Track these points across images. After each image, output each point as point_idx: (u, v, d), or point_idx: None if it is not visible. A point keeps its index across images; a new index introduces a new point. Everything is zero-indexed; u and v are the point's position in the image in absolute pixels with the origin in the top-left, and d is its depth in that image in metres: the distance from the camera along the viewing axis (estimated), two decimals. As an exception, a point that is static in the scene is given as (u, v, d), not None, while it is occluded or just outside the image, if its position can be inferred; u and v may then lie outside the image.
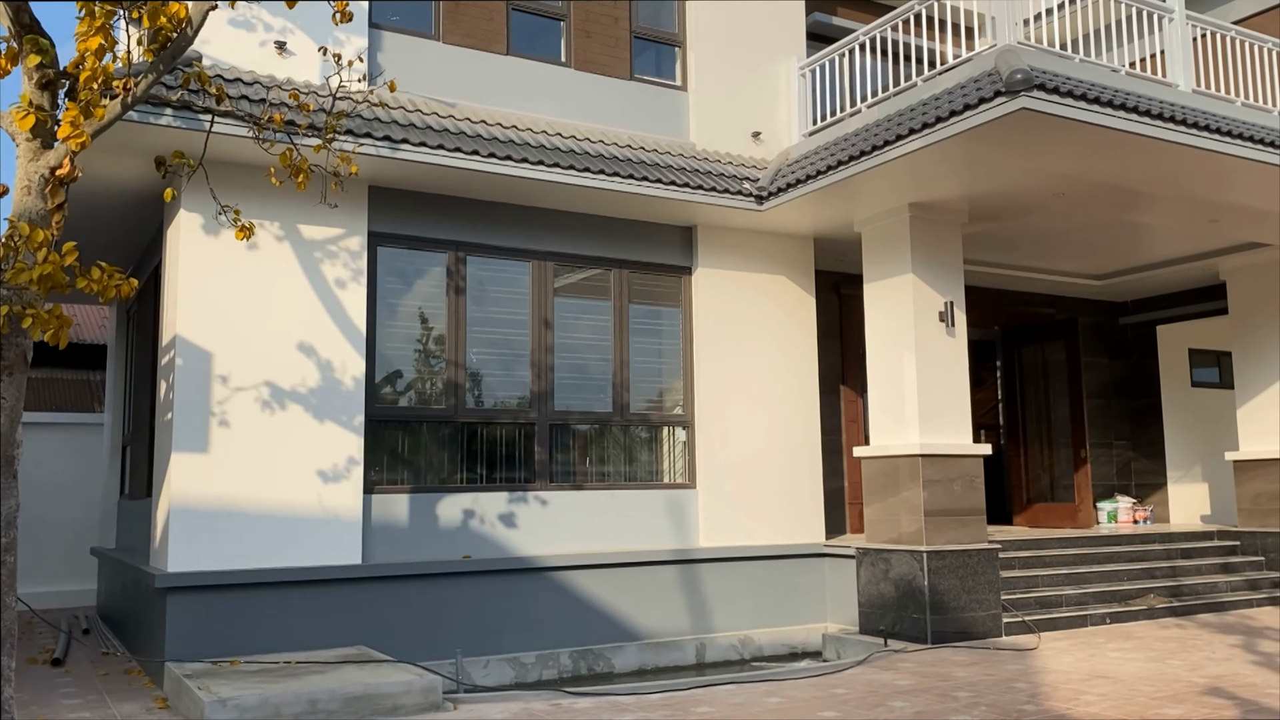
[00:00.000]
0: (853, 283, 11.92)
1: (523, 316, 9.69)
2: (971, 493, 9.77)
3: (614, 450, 10.07)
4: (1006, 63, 7.83)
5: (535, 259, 9.78)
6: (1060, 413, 14.26)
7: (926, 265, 9.90)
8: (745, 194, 9.98)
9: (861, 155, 8.92)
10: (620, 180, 9.23)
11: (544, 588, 9.18)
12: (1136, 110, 8.00)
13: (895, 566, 9.57)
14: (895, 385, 9.91)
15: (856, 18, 13.12)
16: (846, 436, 12.14)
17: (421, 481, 9.06)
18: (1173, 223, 11.00)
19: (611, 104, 10.26)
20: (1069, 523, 13.73)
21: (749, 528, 10.38)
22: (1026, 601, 10.03)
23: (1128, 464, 15.18)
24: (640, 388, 10.24)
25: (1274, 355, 12.51)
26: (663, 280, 10.49)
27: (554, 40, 10.17)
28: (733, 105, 10.84)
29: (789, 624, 10.36)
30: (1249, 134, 8.69)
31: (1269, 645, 8.77)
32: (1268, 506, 12.40)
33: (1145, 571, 11.30)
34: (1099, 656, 8.41)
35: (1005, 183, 9.36)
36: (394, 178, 8.81)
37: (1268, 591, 11.60)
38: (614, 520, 9.82)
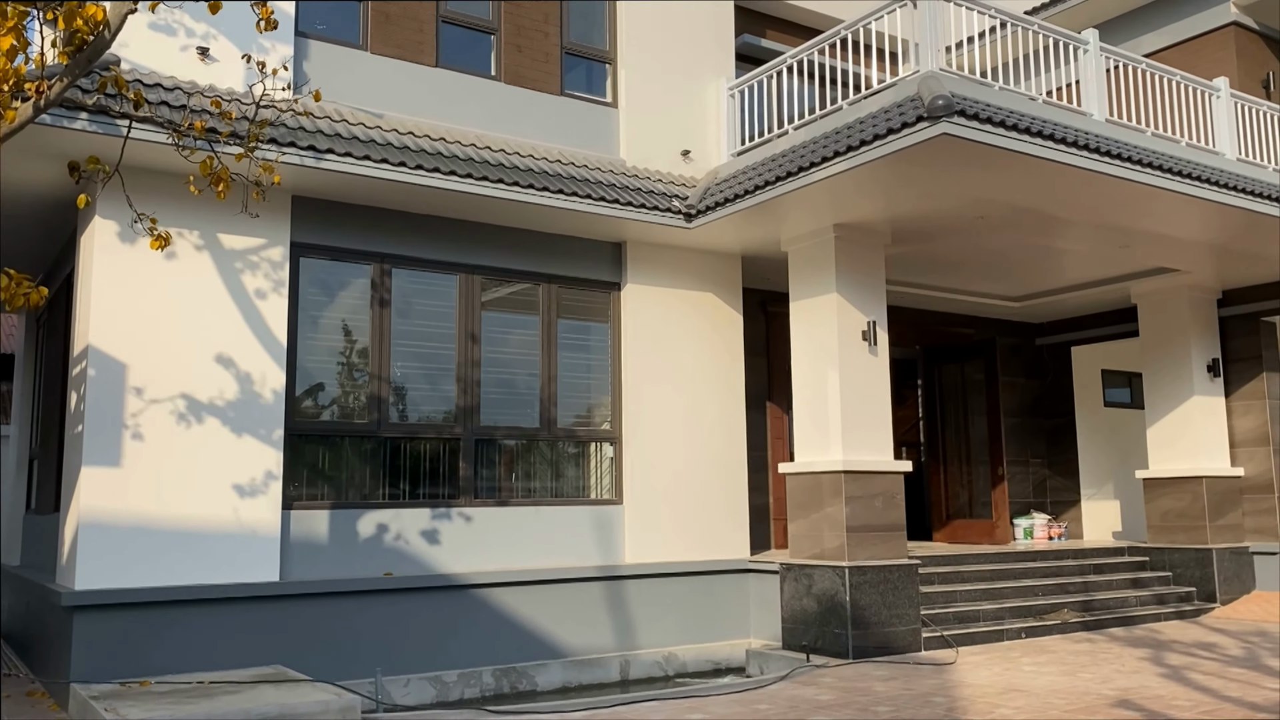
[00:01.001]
0: (779, 301, 12.07)
1: (449, 330, 9.61)
2: (893, 509, 9.93)
3: (541, 466, 10.02)
4: (929, 89, 8.01)
5: (462, 272, 9.71)
6: (979, 431, 14.59)
7: (850, 285, 10.06)
8: (674, 211, 10.04)
9: (788, 176, 9.04)
10: (549, 195, 9.22)
11: (467, 605, 9.08)
12: (1052, 138, 8.25)
13: (818, 582, 9.67)
14: (819, 402, 10.04)
15: (785, 40, 13.33)
16: (772, 452, 12.25)
17: (343, 497, 8.91)
18: (1087, 247, 11.34)
19: (542, 118, 10.25)
20: (987, 539, 14.04)
21: (675, 544, 10.40)
22: (945, 616, 10.20)
23: (1043, 481, 15.57)
24: (568, 403, 10.21)
25: (1182, 376, 12.96)
26: (592, 296, 10.50)
27: (484, 53, 10.14)
28: (663, 123, 10.91)
29: (713, 640, 10.39)
30: (1158, 163, 9.01)
31: (1175, 658, 9.05)
32: (1176, 523, 12.82)
33: (1059, 587, 11.59)
34: (1014, 670, 8.59)
35: (927, 205, 9.57)
36: (319, 188, 8.68)
37: (1175, 606, 11.97)
38: (540, 537, 9.77)
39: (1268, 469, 12.77)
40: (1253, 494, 12.90)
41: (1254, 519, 12.87)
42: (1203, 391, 12.88)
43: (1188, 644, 9.86)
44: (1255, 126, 11.30)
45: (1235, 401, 13.11)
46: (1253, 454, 12.92)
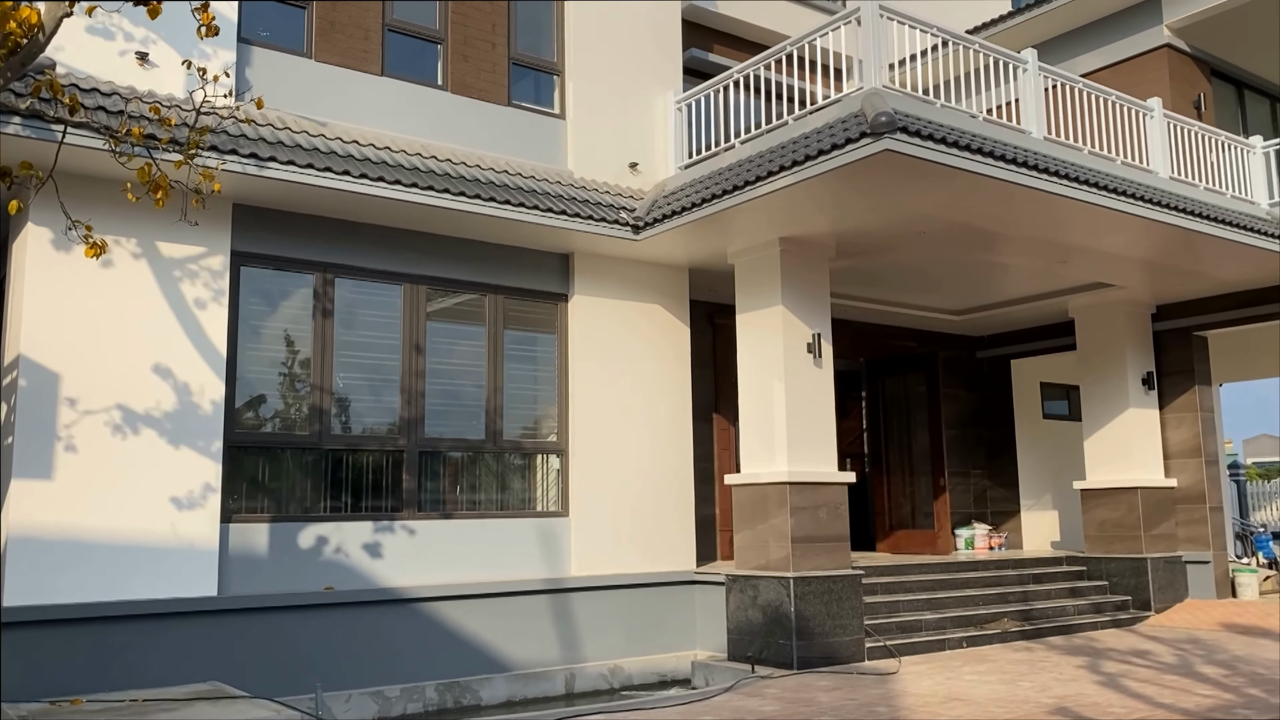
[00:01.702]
0: (726, 313, 12.13)
1: (393, 341, 9.52)
2: (837, 520, 10.01)
3: (486, 478, 9.96)
4: (872, 105, 8.12)
5: (407, 282, 9.63)
6: (921, 442, 14.79)
7: (796, 298, 10.15)
8: (622, 223, 10.06)
9: (734, 190, 9.10)
10: (496, 206, 9.18)
11: (410, 619, 8.98)
12: (992, 155, 8.40)
13: (763, 593, 9.72)
14: (765, 414, 10.10)
15: (732, 55, 13.45)
16: (719, 464, 12.30)
17: (283, 510, 8.77)
18: (1026, 262, 11.56)
19: (488, 129, 10.22)
20: (929, 549, 14.21)
21: (621, 556, 10.39)
22: (888, 626, 10.31)
23: (984, 492, 15.81)
24: (514, 415, 10.17)
25: (1118, 389, 13.26)
26: (539, 307, 10.47)
27: (431, 63, 10.09)
28: (611, 135, 10.93)
29: (659, 652, 10.39)
30: (1094, 180, 9.22)
31: (1112, 666, 9.22)
32: (1112, 533, 13.08)
33: (1000, 596, 11.76)
34: (955, 680, 8.70)
35: (870, 220, 9.69)
36: (261, 196, 8.56)
37: (1111, 614, 12.21)
38: (484, 549, 9.70)
39: (1199, 480, 13.10)
40: (1185, 504, 13.21)
41: (1186, 529, 13.19)
42: (1138, 404, 13.19)
43: (1124, 652, 10.06)
44: (1187, 146, 11.61)
45: (1169, 414, 13.44)
46: (1185, 465, 13.25)
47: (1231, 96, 14.96)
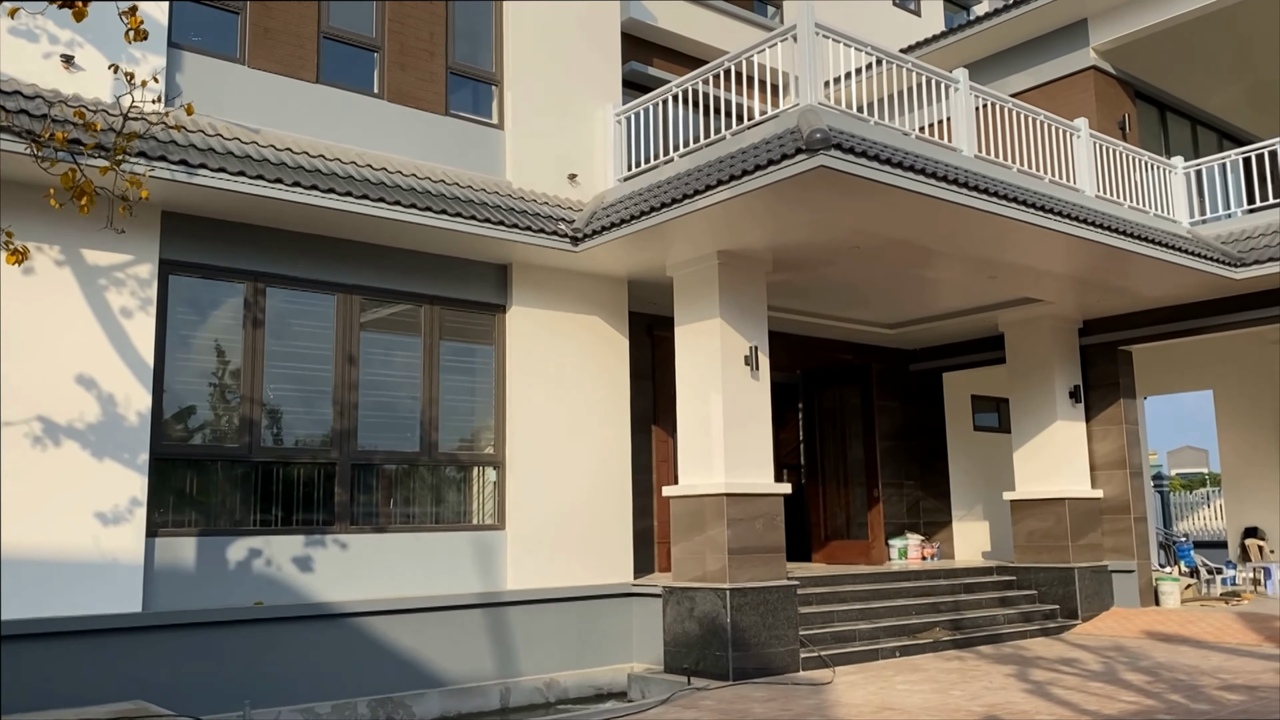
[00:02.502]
0: (665, 325, 12.17)
1: (326, 352, 9.39)
2: (773, 531, 10.08)
3: (421, 491, 9.85)
4: (808, 122, 8.23)
5: (341, 292, 9.51)
6: (856, 454, 14.96)
7: (733, 310, 10.22)
8: (561, 234, 10.04)
9: (673, 203, 9.14)
10: (433, 215, 9.11)
11: (342, 634, 8.84)
12: (924, 172, 8.55)
13: (700, 605, 9.74)
14: (703, 426, 10.15)
15: (671, 69, 13.53)
16: (657, 476, 12.31)
17: (212, 524, 8.58)
18: (957, 278, 11.78)
19: (426, 138, 10.14)
20: (863, 559, 14.37)
21: (558, 569, 10.34)
22: (823, 636, 10.39)
23: (917, 503, 16.04)
24: (450, 427, 10.08)
25: (1046, 402, 13.55)
26: (476, 318, 10.40)
27: (367, 71, 9.99)
28: (550, 146, 10.92)
29: (596, 665, 10.35)
30: (1022, 198, 9.43)
31: (1040, 674, 9.40)
32: (1041, 543, 13.35)
33: (932, 606, 11.93)
34: (888, 689, 8.80)
35: (806, 235, 9.80)
36: (191, 204, 8.39)
37: (1040, 623, 12.46)
38: (419, 563, 9.59)
39: (1124, 491, 13.43)
40: (1111, 515, 13.54)
41: (1112, 539, 13.51)
42: (1065, 417, 13.49)
43: (1051, 660, 10.26)
44: (1112, 166, 11.94)
45: (1095, 426, 13.77)
46: (1111, 476, 13.58)
47: (1155, 118, 15.43)
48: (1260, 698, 7.95)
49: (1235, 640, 11.23)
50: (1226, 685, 8.52)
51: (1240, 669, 9.36)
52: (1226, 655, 10.27)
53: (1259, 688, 8.38)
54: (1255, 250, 11.63)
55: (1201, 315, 12.81)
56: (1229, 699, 7.91)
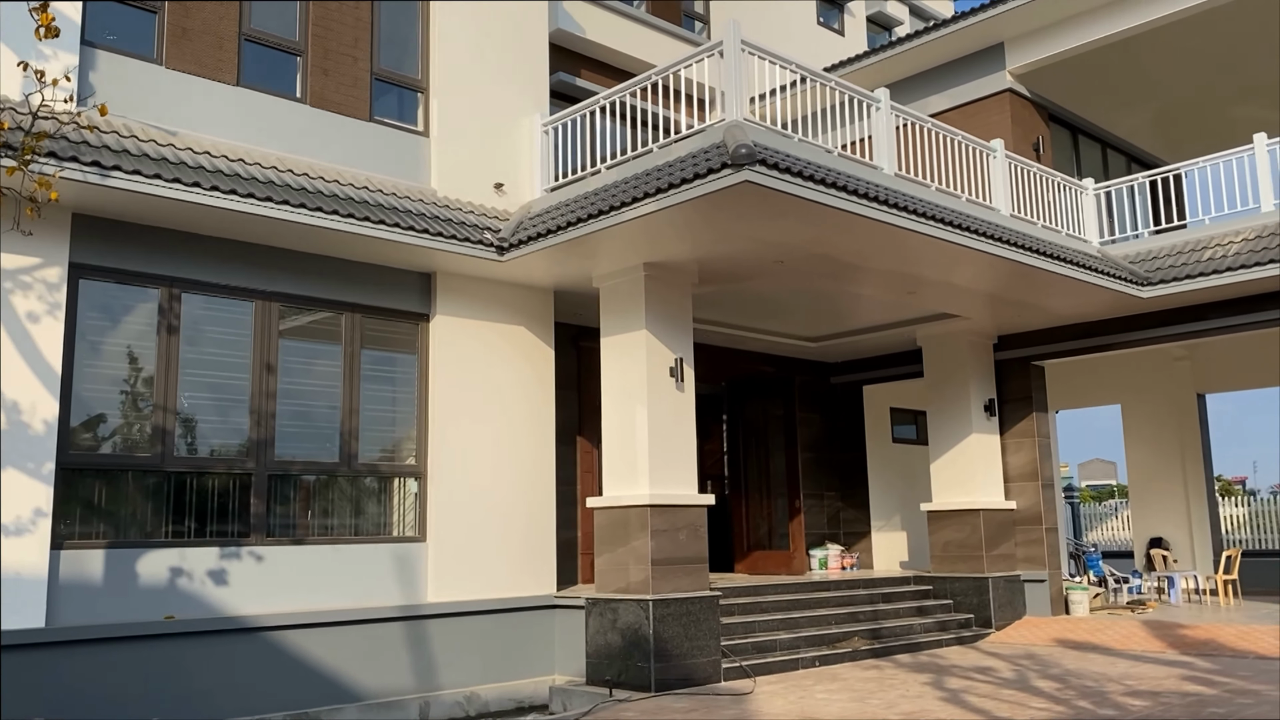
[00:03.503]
0: (591, 336, 12.17)
1: (243, 359, 9.19)
2: (696, 542, 10.13)
3: (340, 502, 9.69)
4: (733, 137, 8.32)
5: (259, 299, 9.32)
6: (778, 465, 15.13)
7: (659, 322, 10.27)
8: (486, 244, 9.99)
9: (599, 214, 9.16)
10: (355, 222, 8.99)
11: (257, 648, 8.64)
12: (845, 189, 8.71)
13: (623, 616, 9.74)
14: (628, 437, 10.16)
15: (599, 81, 13.58)
16: (582, 487, 12.30)
17: (122, 536, 8.33)
18: (877, 292, 12.00)
19: (349, 144, 10.01)
20: (785, 569, 14.53)
21: (480, 581, 10.25)
22: (745, 646, 10.47)
23: (837, 514, 16.28)
24: (371, 437, 9.93)
25: (962, 415, 13.87)
26: (399, 326, 10.28)
27: (290, 75, 9.83)
28: (476, 155, 10.85)
29: (517, 678, 10.28)
30: (939, 216, 9.66)
31: (955, 682, 9.60)
32: (956, 553, 13.65)
33: (851, 615, 12.10)
34: (808, 698, 8.90)
35: (731, 248, 9.90)
36: (103, 206, 8.15)
37: (955, 632, 12.72)
38: (337, 576, 9.42)
39: (1036, 502, 13.80)
40: (1024, 525, 13.89)
41: (1025, 549, 13.86)
42: (980, 430, 13.82)
43: (966, 668, 10.49)
44: (1027, 186, 12.30)
45: (1009, 439, 14.13)
46: (1024, 488, 13.94)
47: (1067, 140, 15.93)
48: (1163, 703, 8.22)
49: (1140, 647, 11.60)
50: (1131, 691, 8.79)
51: (1145, 675, 9.67)
52: (1132, 662, 10.60)
53: (1162, 693, 8.68)
54: (1161, 270, 12.07)
55: (1110, 332, 13.24)
56: (1133, 704, 8.17)
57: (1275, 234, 11.49)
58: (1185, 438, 17.97)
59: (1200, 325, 12.46)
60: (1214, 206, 12.39)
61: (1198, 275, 11.56)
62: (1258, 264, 11.08)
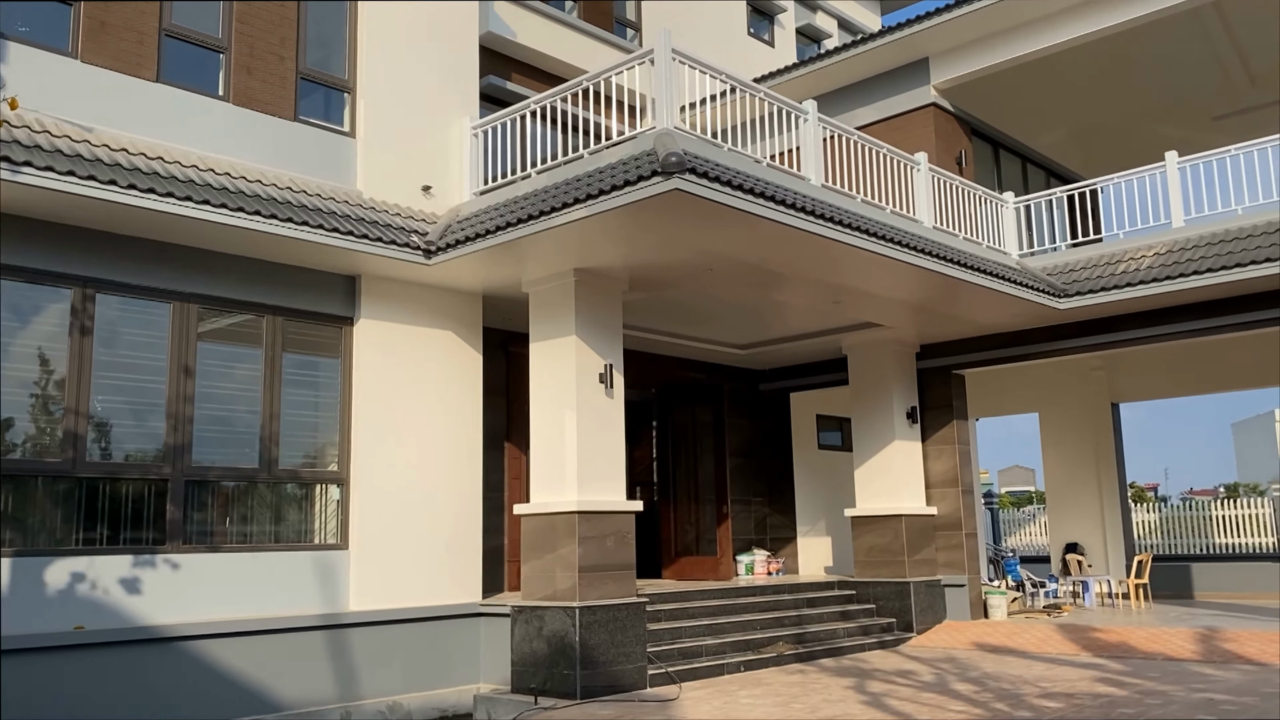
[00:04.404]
0: (520, 341, 12.11)
1: (160, 362, 8.95)
2: (624, 548, 10.13)
3: (260, 509, 9.49)
4: (664, 145, 8.36)
5: (177, 300, 9.09)
6: (707, 471, 15.21)
7: (589, 328, 10.26)
8: (413, 247, 9.88)
9: (529, 219, 9.12)
10: (277, 223, 8.82)
11: (172, 659, 8.41)
12: (773, 199, 8.80)
13: (549, 623, 9.70)
14: (556, 443, 10.13)
15: (530, 85, 13.53)
16: (509, 493, 12.22)
17: (30, 543, 8.04)
18: (804, 301, 12.15)
19: (273, 144, 9.82)
20: (712, 575, 14.60)
21: (404, 588, 10.11)
22: (671, 652, 10.50)
23: (764, 519, 16.42)
24: (292, 442, 9.75)
25: (885, 423, 14.10)
26: (322, 330, 10.11)
27: (212, 72, 9.61)
28: (404, 157, 10.73)
29: (441, 686, 10.16)
30: (865, 227, 9.81)
31: (877, 686, 9.74)
32: (880, 558, 13.86)
33: (776, 620, 12.21)
34: (732, 704, 8.95)
35: (661, 255, 9.93)
36: (14, 203, 7.88)
37: (878, 636, 12.91)
38: (257, 584, 9.22)
39: (956, 508, 14.08)
40: (944, 531, 14.16)
41: (945, 554, 14.13)
42: (903, 436, 14.06)
43: (888, 672, 10.65)
44: (949, 198, 12.56)
45: (930, 446, 14.40)
46: (945, 494, 14.21)
47: (989, 155, 16.31)
48: (1076, 704, 8.44)
49: (1056, 650, 11.90)
50: (1046, 693, 9.01)
51: (1059, 677, 9.92)
52: (1048, 665, 10.87)
53: (1075, 695, 8.91)
54: (1077, 282, 12.42)
55: (1029, 343, 13.58)
56: (1048, 706, 8.37)
57: (1185, 249, 11.91)
58: (1100, 445, 18.50)
59: (1114, 336, 12.84)
60: (1128, 221, 12.79)
61: (1112, 288, 11.92)
62: (1169, 278, 11.47)
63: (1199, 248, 11.75)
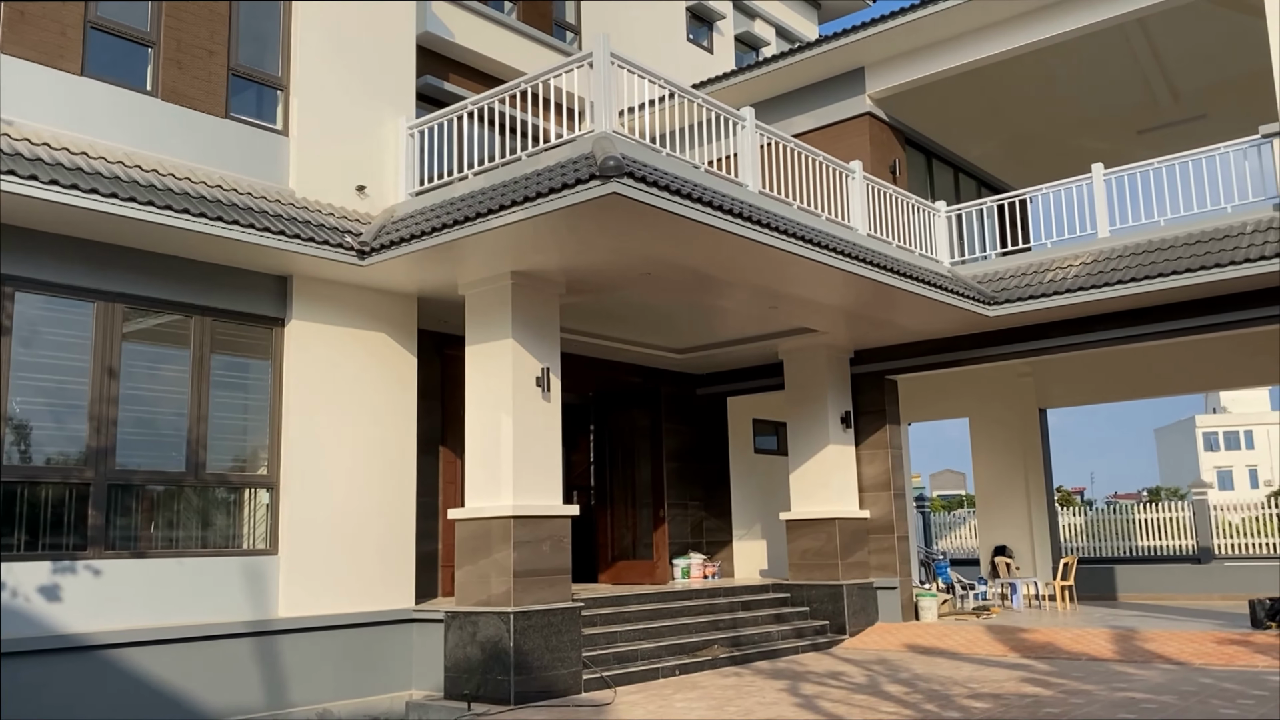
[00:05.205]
0: (456, 344, 12.01)
1: (83, 363, 8.70)
2: (560, 553, 10.09)
3: (186, 513, 9.27)
4: (602, 149, 8.35)
5: (102, 300, 8.85)
6: (644, 475, 15.23)
7: (526, 331, 10.21)
8: (346, 247, 9.74)
9: (466, 221, 9.05)
10: (206, 221, 8.63)
11: (94, 668, 8.18)
12: (711, 204, 8.84)
13: (483, 629, 9.62)
14: (492, 447, 10.06)
15: (468, 86, 13.43)
16: (444, 498, 12.10)
17: (-59, 550, 7.76)
18: (741, 307, 12.23)
19: (203, 141, 9.60)
20: (648, 579, 14.61)
21: (335, 595, 9.95)
22: (606, 657, 10.48)
23: (700, 523, 16.48)
24: (220, 445, 9.54)
25: (820, 427, 14.24)
26: (252, 331, 9.91)
27: (140, 66, 9.38)
28: (338, 156, 10.57)
29: (373, 693, 10.02)
30: (801, 234, 9.91)
31: (810, 688, 9.82)
32: (813, 561, 13.99)
33: (711, 624, 12.26)
34: (667, 707, 8.96)
35: (599, 259, 9.92)
36: (-74, 197, 7.61)
37: (811, 638, 13.03)
38: (183, 590, 8.99)
39: (888, 511, 14.27)
40: (877, 534, 14.35)
41: (877, 556, 14.31)
42: (837, 441, 14.22)
43: (821, 674, 10.75)
44: (883, 207, 12.74)
45: (864, 450, 14.58)
46: (877, 498, 14.40)
47: (922, 164, 16.59)
48: (1003, 704, 8.60)
49: (984, 652, 12.12)
50: (975, 694, 9.17)
51: (987, 678, 10.10)
52: (976, 666, 11.06)
53: (1003, 695, 9.08)
54: (1006, 290, 12.67)
55: (960, 349, 13.83)
56: (976, 707, 8.52)
57: (1110, 259, 12.22)
58: (1028, 450, 18.91)
59: (1042, 343, 13.14)
60: (1056, 231, 13.10)
61: (1040, 296, 12.19)
62: (1094, 286, 11.75)
63: (1123, 258, 12.08)
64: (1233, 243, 11.23)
